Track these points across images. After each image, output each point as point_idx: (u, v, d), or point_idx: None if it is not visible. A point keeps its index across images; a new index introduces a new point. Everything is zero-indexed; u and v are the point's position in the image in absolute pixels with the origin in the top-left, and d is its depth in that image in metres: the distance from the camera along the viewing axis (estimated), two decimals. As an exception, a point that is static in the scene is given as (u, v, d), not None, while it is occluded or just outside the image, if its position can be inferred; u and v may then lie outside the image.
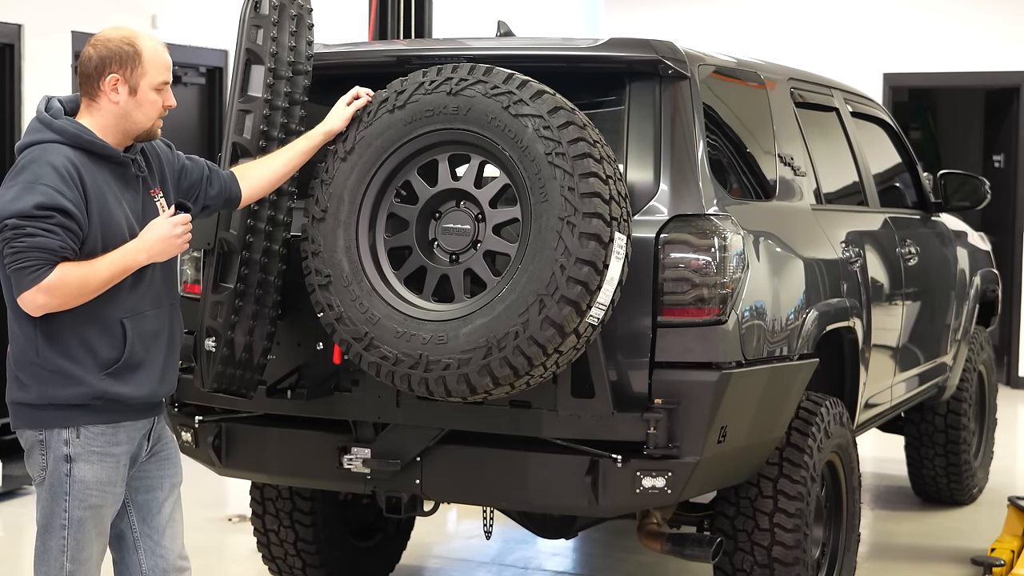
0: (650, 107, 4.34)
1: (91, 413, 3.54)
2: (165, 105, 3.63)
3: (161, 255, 3.57)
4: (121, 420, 3.59)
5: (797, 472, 4.57)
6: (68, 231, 3.40)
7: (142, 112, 3.59)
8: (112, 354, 3.54)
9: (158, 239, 3.54)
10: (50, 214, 3.38)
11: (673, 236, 4.17)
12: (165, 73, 3.62)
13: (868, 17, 11.67)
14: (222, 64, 9.57)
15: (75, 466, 3.55)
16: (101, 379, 3.52)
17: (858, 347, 5.22)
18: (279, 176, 4.09)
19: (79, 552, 3.58)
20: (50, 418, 3.55)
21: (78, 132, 3.51)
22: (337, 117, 4.20)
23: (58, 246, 3.38)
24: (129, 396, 3.57)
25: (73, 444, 3.55)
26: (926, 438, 7.10)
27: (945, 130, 14.55)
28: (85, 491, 3.56)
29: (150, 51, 3.58)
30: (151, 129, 3.63)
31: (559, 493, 4.26)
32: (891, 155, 6.53)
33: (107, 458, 3.58)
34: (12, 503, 7.30)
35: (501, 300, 3.92)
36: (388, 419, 4.41)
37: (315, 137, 4.17)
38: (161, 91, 3.61)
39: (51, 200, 3.38)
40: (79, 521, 3.57)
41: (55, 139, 3.50)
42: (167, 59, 3.64)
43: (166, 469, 3.79)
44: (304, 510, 5.28)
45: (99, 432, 3.56)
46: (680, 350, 4.15)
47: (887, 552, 6.62)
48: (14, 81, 8.15)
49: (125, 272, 3.50)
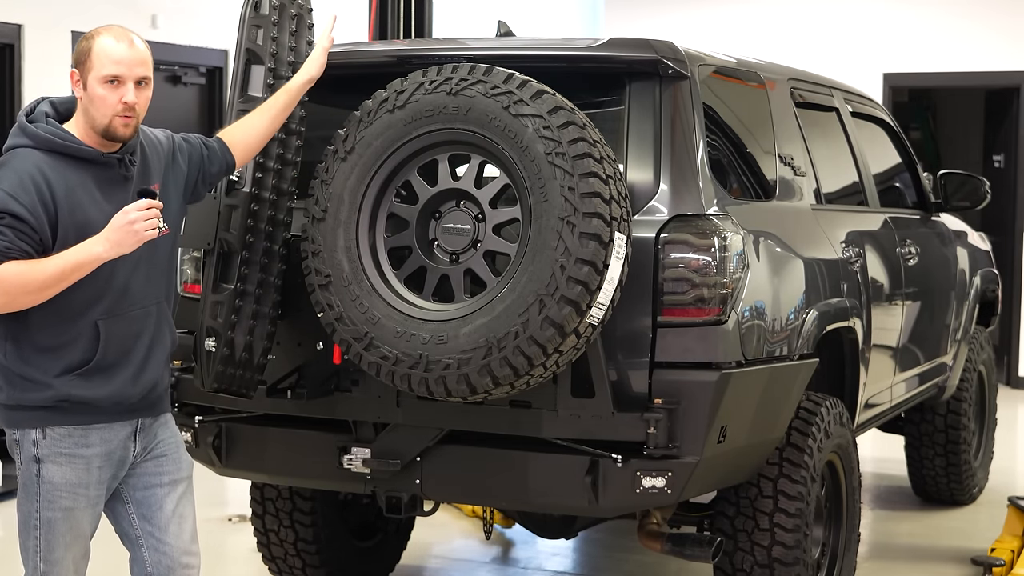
0: (650, 107, 4.34)
1: (58, 414, 3.53)
2: (121, 101, 3.49)
3: (120, 245, 3.42)
4: (91, 422, 3.57)
5: (797, 472, 4.57)
6: (18, 232, 3.39)
7: (95, 108, 3.50)
8: (83, 356, 3.52)
9: (114, 229, 3.42)
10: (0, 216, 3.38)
11: (673, 236, 4.17)
12: (111, 67, 3.48)
13: (868, 17, 11.67)
14: (222, 64, 9.57)
15: (43, 467, 3.55)
16: (67, 381, 3.51)
17: (858, 347, 5.22)
18: (265, 134, 4.03)
19: (50, 553, 3.58)
20: (19, 419, 3.56)
21: (50, 136, 3.50)
22: (314, 63, 4.16)
23: (3, 247, 3.38)
24: (96, 399, 3.54)
25: (40, 445, 3.54)
26: (926, 438, 7.10)
27: (945, 130, 14.55)
28: (54, 492, 3.55)
29: (100, 44, 3.51)
30: (110, 127, 3.51)
31: (559, 493, 4.26)
32: (891, 155, 6.53)
33: (75, 460, 3.56)
34: (12, 503, 7.28)
35: (501, 300, 3.92)
36: (388, 419, 4.41)
37: (294, 88, 4.11)
38: (110, 86, 3.49)
39: (2, 205, 3.39)
40: (49, 522, 3.56)
41: (27, 144, 3.51)
42: (118, 54, 3.49)
43: (165, 467, 3.76)
44: (304, 510, 5.28)
45: (66, 434, 3.55)
46: (680, 350, 4.15)
47: (887, 552, 6.62)
48: (14, 81, 8.15)
49: (80, 268, 3.41)
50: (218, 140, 3.93)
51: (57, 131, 3.52)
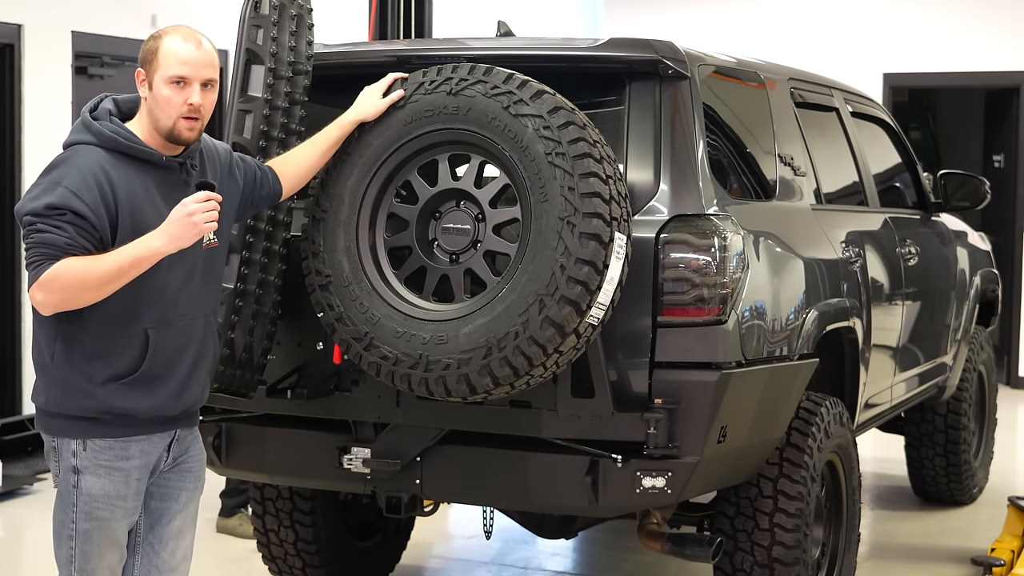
0: (650, 107, 4.34)
1: (99, 426, 3.49)
2: (187, 103, 3.47)
3: (180, 238, 3.37)
4: (132, 435, 3.53)
5: (797, 472, 4.57)
6: (79, 229, 3.35)
7: (159, 109, 3.48)
8: (130, 364, 3.48)
9: (173, 222, 3.38)
10: (61, 212, 3.34)
11: (673, 236, 4.17)
12: (178, 67, 3.46)
13: (868, 17, 11.68)
14: (222, 64, 9.56)
15: (82, 478, 3.50)
16: (111, 391, 3.46)
17: (858, 347, 5.22)
18: (313, 166, 4.06)
19: (86, 563, 3.54)
20: (60, 426, 3.52)
21: (114, 135, 3.47)
22: (370, 105, 4.14)
23: (64, 243, 3.34)
24: (139, 411, 3.50)
25: (80, 456, 3.50)
26: (926, 438, 7.10)
27: (945, 130, 14.56)
28: (92, 504, 3.51)
29: (168, 44, 3.49)
30: (174, 129, 3.48)
31: (559, 493, 4.26)
32: (891, 155, 6.53)
33: (115, 472, 3.52)
34: (12, 503, 7.30)
35: (501, 300, 3.92)
36: (388, 419, 4.41)
37: (345, 124, 4.13)
38: (176, 87, 3.47)
39: (63, 201, 3.35)
40: (85, 533, 3.52)
41: (90, 141, 3.48)
42: (185, 54, 3.48)
43: (186, 482, 3.72)
44: (304, 510, 5.28)
45: (107, 446, 3.50)
46: (680, 350, 4.15)
47: (887, 552, 6.62)
48: (14, 81, 8.14)
49: (138, 263, 3.37)
50: (269, 168, 3.93)
51: (121, 130, 3.49)
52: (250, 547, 6.00)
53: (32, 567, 6.34)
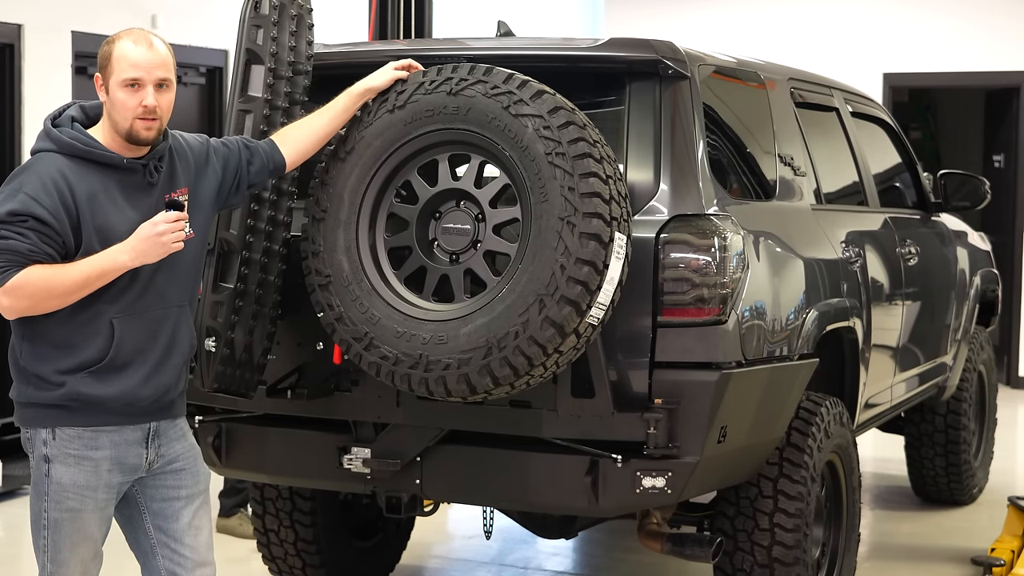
0: (650, 107, 4.34)
1: (67, 414, 3.52)
2: (141, 104, 3.49)
3: (146, 255, 3.46)
4: (101, 424, 3.55)
5: (797, 472, 4.57)
6: (42, 235, 3.40)
7: (116, 112, 3.51)
8: (96, 354, 3.51)
9: (140, 239, 3.45)
10: (23, 218, 3.39)
11: (673, 236, 4.17)
12: (131, 70, 3.47)
13: (868, 17, 11.68)
14: (222, 64, 9.56)
15: (52, 467, 3.54)
16: (78, 379, 3.50)
17: (858, 347, 5.22)
18: (322, 135, 4.05)
19: (57, 553, 3.58)
20: (31, 416, 3.56)
21: (73, 141, 3.50)
22: (381, 75, 4.15)
23: (27, 249, 3.38)
24: (107, 398, 3.53)
25: (50, 445, 3.54)
26: (926, 438, 7.10)
27: (945, 130, 14.55)
28: (61, 493, 3.54)
29: (120, 48, 3.51)
30: (132, 131, 3.51)
31: (559, 493, 4.26)
32: (891, 155, 6.53)
33: (84, 462, 3.55)
34: (12, 503, 7.30)
35: (501, 300, 3.92)
36: (388, 419, 4.41)
37: (355, 94, 4.13)
38: (130, 90, 3.49)
39: (24, 207, 3.39)
40: (56, 522, 3.56)
41: (50, 148, 3.52)
42: (137, 57, 3.49)
43: (183, 480, 3.73)
44: (304, 510, 5.28)
45: (75, 435, 3.54)
46: (680, 350, 4.15)
47: (887, 552, 6.62)
48: (14, 81, 8.14)
49: (103, 275, 3.44)
50: (268, 141, 3.93)
51: (80, 136, 3.52)
52: (250, 547, 6.00)
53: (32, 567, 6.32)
